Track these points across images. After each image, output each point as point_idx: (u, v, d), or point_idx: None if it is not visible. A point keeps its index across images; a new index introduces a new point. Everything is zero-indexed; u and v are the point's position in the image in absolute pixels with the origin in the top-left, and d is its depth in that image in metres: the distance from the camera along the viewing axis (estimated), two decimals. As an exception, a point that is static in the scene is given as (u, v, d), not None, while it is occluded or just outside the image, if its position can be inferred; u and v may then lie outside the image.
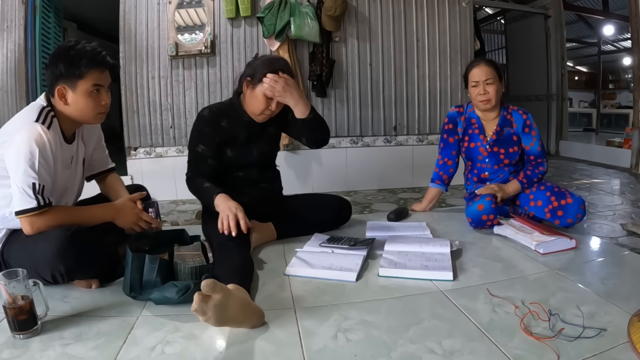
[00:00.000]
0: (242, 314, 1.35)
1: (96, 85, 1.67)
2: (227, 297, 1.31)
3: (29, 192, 1.53)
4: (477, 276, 1.76)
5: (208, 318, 1.27)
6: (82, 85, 1.65)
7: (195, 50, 3.86)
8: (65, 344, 1.30)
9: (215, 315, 1.27)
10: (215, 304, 1.27)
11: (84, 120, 1.75)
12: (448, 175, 2.70)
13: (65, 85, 1.65)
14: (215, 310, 1.27)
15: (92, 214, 1.76)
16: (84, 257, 1.59)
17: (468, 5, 4.24)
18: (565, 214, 2.25)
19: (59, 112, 1.69)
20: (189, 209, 3.51)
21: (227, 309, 1.30)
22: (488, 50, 8.16)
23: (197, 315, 1.27)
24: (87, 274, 1.69)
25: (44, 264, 1.54)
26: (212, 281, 1.29)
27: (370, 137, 4.22)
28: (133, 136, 3.96)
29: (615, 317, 1.37)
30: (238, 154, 2.20)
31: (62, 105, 1.67)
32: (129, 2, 3.85)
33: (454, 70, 4.25)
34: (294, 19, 3.73)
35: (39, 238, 1.56)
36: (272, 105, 2.07)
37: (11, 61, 3.83)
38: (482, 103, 2.43)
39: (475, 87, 2.43)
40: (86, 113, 1.70)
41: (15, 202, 1.55)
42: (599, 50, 9.78)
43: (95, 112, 1.73)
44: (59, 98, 1.65)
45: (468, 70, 2.50)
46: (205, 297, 1.27)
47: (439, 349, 1.23)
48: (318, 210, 2.39)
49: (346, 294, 1.62)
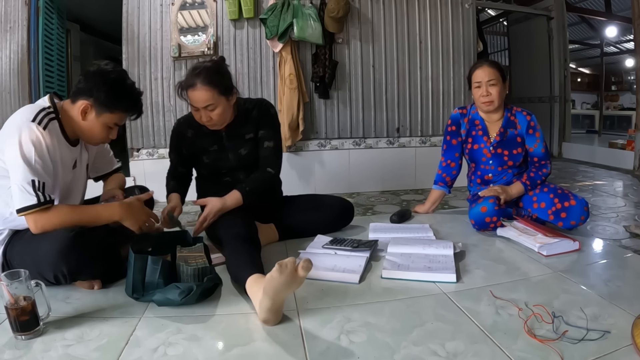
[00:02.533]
0: (279, 305, 1.40)
1: (116, 124, 1.74)
2: (298, 284, 1.36)
3: (29, 189, 1.52)
4: (481, 278, 1.75)
5: (273, 279, 1.31)
6: (106, 117, 1.70)
7: (198, 51, 3.87)
8: (67, 345, 1.30)
9: (282, 283, 1.32)
10: (293, 279, 1.33)
11: (84, 138, 1.79)
12: (451, 177, 2.70)
13: (93, 106, 1.67)
14: (287, 281, 1.32)
15: (98, 213, 1.72)
16: (87, 258, 1.59)
17: (471, 7, 4.23)
18: (569, 216, 2.24)
19: (70, 117, 1.70)
20: (191, 210, 3.51)
21: (288, 290, 1.37)
22: (491, 52, 8.14)
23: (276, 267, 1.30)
24: (89, 275, 1.69)
25: (47, 264, 1.54)
26: (311, 263, 1.34)
27: (373, 139, 4.22)
28: (136, 137, 3.96)
29: (619, 320, 1.37)
30: (213, 160, 2.23)
31: (77, 115, 1.68)
32: (132, 4, 3.85)
33: (456, 71, 4.24)
34: (296, 21, 3.73)
35: (41, 238, 1.57)
36: (202, 117, 2.05)
37: (14, 62, 3.83)
38: (485, 104, 2.42)
39: (478, 88, 2.42)
40: (92, 138, 1.77)
41: (16, 201, 1.54)
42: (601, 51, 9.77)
43: (100, 141, 1.80)
44: (79, 110, 1.67)
45: (471, 72, 2.50)
46: (295, 269, 1.32)
47: (442, 351, 1.23)
48: (320, 211, 2.39)
49: (349, 296, 1.62)
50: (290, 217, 2.34)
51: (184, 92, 2.01)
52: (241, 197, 2.05)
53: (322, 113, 4.11)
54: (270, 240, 2.26)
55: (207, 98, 1.98)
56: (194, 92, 1.98)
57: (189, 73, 2.02)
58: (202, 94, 1.97)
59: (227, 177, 2.24)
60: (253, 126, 2.22)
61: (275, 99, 3.97)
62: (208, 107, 2.00)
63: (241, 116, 2.19)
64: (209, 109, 2.00)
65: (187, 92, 2.00)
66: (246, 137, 2.22)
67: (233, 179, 2.23)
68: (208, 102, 1.98)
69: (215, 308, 1.55)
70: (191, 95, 1.99)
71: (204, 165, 2.24)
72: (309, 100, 4.04)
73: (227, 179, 2.24)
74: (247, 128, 2.22)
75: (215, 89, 1.98)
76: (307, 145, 4.13)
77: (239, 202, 2.05)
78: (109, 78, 1.67)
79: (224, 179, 2.24)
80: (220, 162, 2.21)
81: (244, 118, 2.20)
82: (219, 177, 2.25)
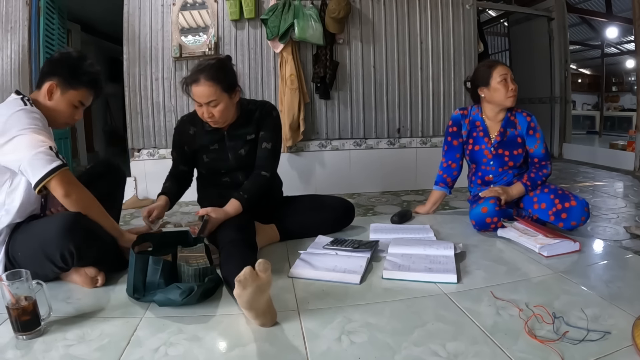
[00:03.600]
0: (265, 308, 1.38)
1: (80, 102, 1.82)
2: (267, 285, 1.36)
3: (50, 154, 1.57)
4: (481, 279, 1.75)
5: (243, 294, 1.31)
6: (71, 95, 1.78)
7: (199, 51, 3.88)
8: (68, 345, 1.30)
9: (250, 294, 1.31)
10: (258, 285, 1.32)
11: (52, 121, 1.80)
12: (452, 178, 2.70)
13: (58, 84, 1.75)
14: (254, 290, 1.31)
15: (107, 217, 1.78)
16: (92, 235, 1.63)
17: (472, 8, 4.24)
18: (569, 217, 2.24)
19: (40, 104, 1.75)
20: (192, 210, 3.51)
21: (262, 295, 1.35)
22: (491, 53, 8.15)
23: (237, 285, 1.30)
24: (96, 253, 1.69)
25: (53, 244, 1.55)
26: (268, 263, 1.34)
27: (374, 140, 4.22)
28: (136, 137, 3.97)
29: (619, 320, 1.36)
30: (213, 159, 2.23)
31: (44, 98, 1.75)
32: (133, 4, 3.86)
33: (457, 72, 4.25)
34: (297, 21, 3.73)
35: (45, 221, 1.63)
36: (204, 113, 2.05)
37: (15, 62, 3.84)
38: (512, 99, 2.40)
39: (504, 82, 2.39)
40: (59, 117, 1.81)
41: (36, 171, 1.55)
42: (602, 52, 9.78)
43: (66, 120, 1.85)
44: (46, 91, 1.75)
45: (491, 69, 2.44)
46: (254, 275, 1.31)
47: (443, 351, 1.23)
48: (321, 211, 2.39)
49: (350, 296, 1.62)
50: (291, 217, 2.34)
51: (189, 87, 2.03)
52: (241, 206, 2.06)
53: (322, 113, 4.12)
54: (271, 241, 2.26)
55: (210, 93, 1.99)
56: (198, 87, 1.99)
57: (194, 69, 2.04)
58: (204, 89, 1.99)
59: (226, 178, 2.24)
60: (254, 127, 2.22)
61: (276, 100, 3.98)
62: (210, 103, 2.01)
63: (243, 117, 2.19)
64: (211, 104, 2.02)
65: (191, 87, 2.02)
66: (247, 138, 2.22)
67: (232, 180, 2.23)
68: (210, 98, 2.00)
69: (217, 308, 1.55)
70: (195, 91, 2.01)
71: (204, 164, 2.24)
72: (310, 101, 4.05)
73: (226, 179, 2.24)
74: (249, 129, 2.22)
75: (218, 85, 2.00)
76: (307, 145, 4.13)
77: (239, 210, 2.05)
78: (67, 56, 1.80)
79: (223, 179, 2.24)
80: (219, 162, 2.22)
81: (246, 119, 2.20)
82: (218, 177, 2.25)
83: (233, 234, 1.88)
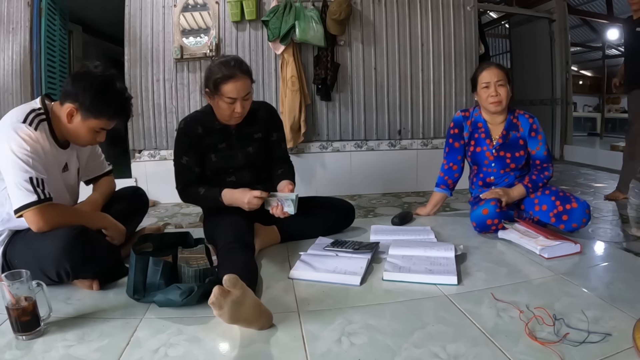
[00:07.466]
0: (254, 315, 1.36)
1: (102, 128, 1.74)
2: (245, 295, 1.33)
3: (28, 186, 1.52)
4: (482, 280, 1.75)
5: (223, 313, 1.28)
6: (91, 122, 1.69)
7: (200, 53, 3.88)
8: (68, 345, 1.30)
9: (230, 311, 1.29)
10: (233, 300, 1.29)
11: (71, 140, 1.78)
12: (453, 180, 2.69)
13: (78, 110, 1.67)
14: (231, 306, 1.29)
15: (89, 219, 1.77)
16: (89, 256, 1.60)
17: (472, 10, 4.24)
18: (570, 219, 2.24)
19: (58, 119, 1.70)
20: (192, 211, 3.51)
21: (243, 306, 1.32)
22: (492, 55, 8.14)
23: (213, 308, 1.27)
24: (91, 272, 1.68)
25: (50, 262, 1.54)
26: (234, 277, 1.32)
27: (375, 141, 4.22)
28: (137, 139, 3.97)
29: (620, 322, 1.36)
30: (222, 158, 2.21)
31: (64, 118, 1.68)
32: (134, 5, 3.87)
33: (458, 74, 4.24)
34: (298, 23, 3.74)
35: (44, 236, 1.58)
36: (237, 108, 2.05)
37: (16, 63, 3.85)
38: (494, 105, 2.42)
39: (487, 88, 2.41)
40: (79, 140, 1.77)
41: (14, 200, 1.53)
42: (603, 54, 9.78)
43: (87, 143, 1.81)
44: (66, 113, 1.67)
45: (478, 73, 2.49)
46: (225, 292, 1.29)
47: (443, 353, 1.23)
48: (322, 213, 2.39)
49: (350, 298, 1.62)
50: (291, 218, 2.33)
51: (221, 85, 2.00)
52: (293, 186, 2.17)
53: (323, 115, 4.12)
54: (272, 242, 2.26)
55: (248, 86, 2.04)
56: (236, 82, 1.99)
57: (221, 66, 2.02)
58: (243, 83, 2.02)
59: (232, 177, 2.23)
60: (261, 126, 2.25)
61: (277, 101, 3.98)
62: (245, 96, 2.04)
63: (250, 115, 2.20)
64: (245, 97, 2.04)
65: (224, 84, 2.00)
66: (254, 137, 2.25)
67: (238, 179, 2.22)
68: (247, 91, 2.04)
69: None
70: (231, 87, 1.99)
71: (211, 164, 2.21)
72: (311, 103, 4.05)
73: (231, 179, 2.23)
74: (256, 127, 2.25)
75: (250, 78, 2.06)
76: (308, 147, 4.13)
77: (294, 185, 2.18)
78: (95, 83, 1.66)
79: (229, 179, 2.23)
80: (228, 160, 2.21)
81: (252, 117, 2.21)
82: (224, 177, 2.23)
83: (228, 238, 1.89)
